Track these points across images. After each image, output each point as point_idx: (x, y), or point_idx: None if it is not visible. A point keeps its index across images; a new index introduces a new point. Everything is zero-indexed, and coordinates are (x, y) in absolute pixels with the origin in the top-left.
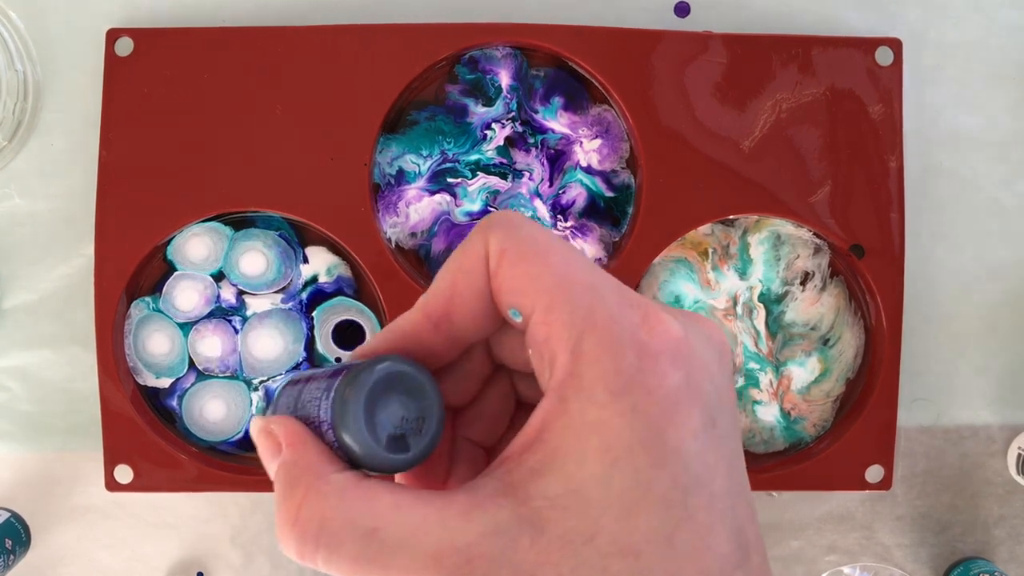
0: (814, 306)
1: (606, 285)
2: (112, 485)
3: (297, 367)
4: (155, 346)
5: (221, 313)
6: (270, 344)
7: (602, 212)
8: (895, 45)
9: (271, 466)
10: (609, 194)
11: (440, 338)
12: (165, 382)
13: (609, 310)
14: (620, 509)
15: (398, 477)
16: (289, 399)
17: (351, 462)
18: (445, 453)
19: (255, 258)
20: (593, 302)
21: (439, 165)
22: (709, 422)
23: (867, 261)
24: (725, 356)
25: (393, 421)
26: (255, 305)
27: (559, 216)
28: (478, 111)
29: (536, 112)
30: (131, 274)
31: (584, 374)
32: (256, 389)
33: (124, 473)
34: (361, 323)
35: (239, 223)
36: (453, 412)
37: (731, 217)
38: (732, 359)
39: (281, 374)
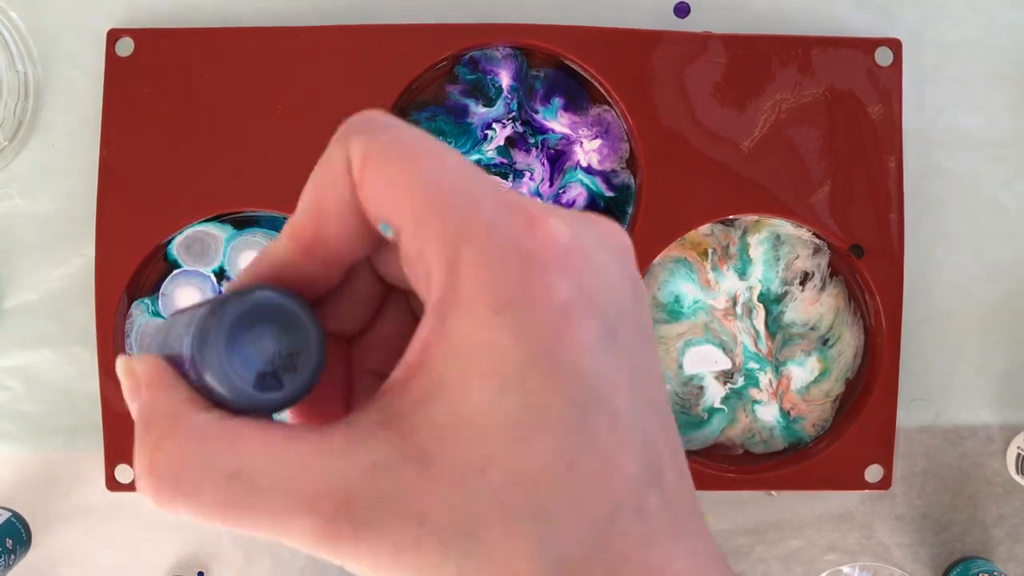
0: (813, 306)
1: (485, 189)
2: (113, 485)
3: None
4: None
5: None
6: None
7: (602, 212)
8: (895, 45)
9: (132, 409)
10: (609, 194)
11: (314, 263)
12: None
13: (487, 218)
14: (512, 436)
15: (289, 417)
16: (159, 336)
17: (218, 403)
18: (341, 387)
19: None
20: (469, 210)
21: None
22: (608, 334)
23: (866, 261)
24: (626, 261)
25: (263, 356)
26: None
27: None
28: (478, 111)
29: (536, 112)
30: (132, 274)
31: (463, 291)
32: None
33: (125, 473)
34: None
35: (242, 222)
36: (347, 342)
37: (731, 217)
38: (635, 265)
39: None
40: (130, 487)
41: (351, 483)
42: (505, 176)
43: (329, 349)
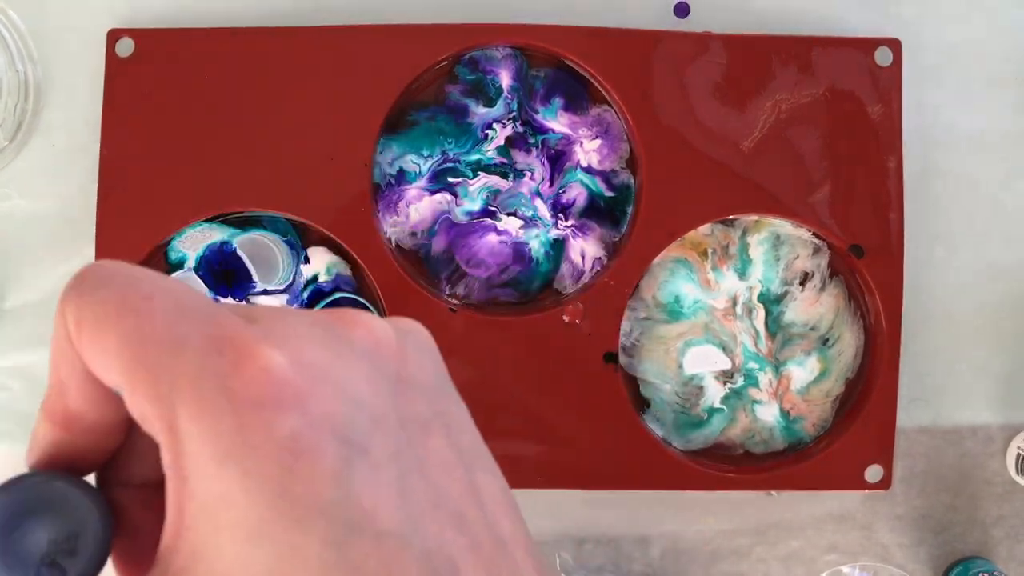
0: (813, 306)
1: (193, 332)
2: None
3: None
4: None
5: None
6: None
7: (602, 212)
8: (894, 45)
9: None
10: (609, 194)
11: (80, 436)
12: None
13: (194, 366)
14: None
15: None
16: None
17: None
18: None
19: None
20: (177, 364)
21: (440, 165)
22: (355, 453)
23: (866, 261)
24: (375, 354)
25: (36, 551)
26: (260, 304)
27: (559, 215)
28: (479, 111)
29: (536, 112)
30: None
31: (188, 450)
32: None
33: None
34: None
35: (242, 222)
36: (155, 488)
37: (731, 217)
38: (397, 355)
39: None
40: None
41: None
42: (505, 176)
43: (144, 500)
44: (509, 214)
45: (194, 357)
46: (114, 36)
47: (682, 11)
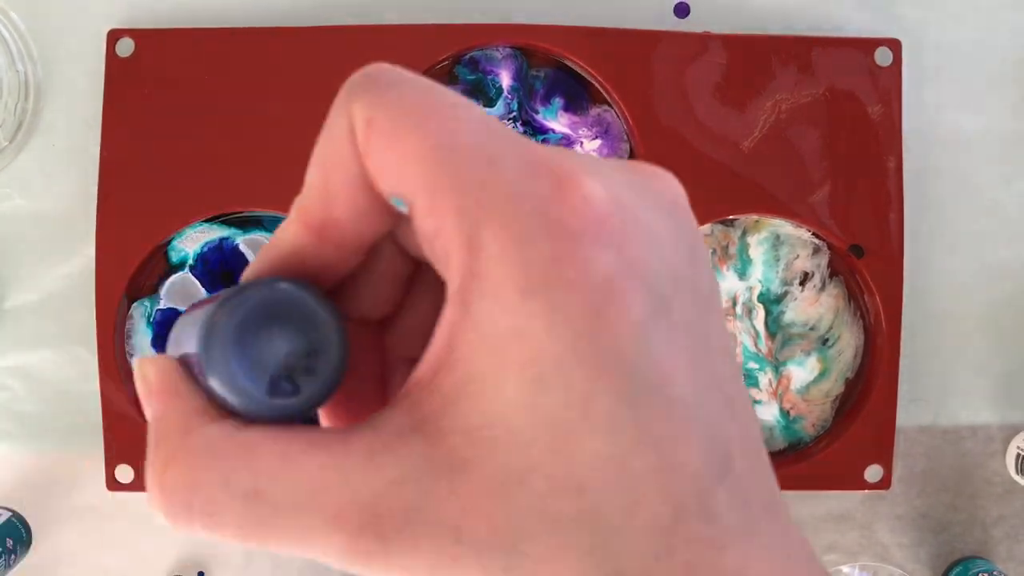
0: (813, 306)
1: (507, 151)
2: (113, 485)
3: None
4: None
5: None
6: None
7: None
8: (894, 45)
9: (147, 415)
10: None
11: (328, 247)
12: None
13: (510, 185)
14: (555, 437)
15: (321, 416)
16: (175, 332)
17: (229, 410)
18: (375, 378)
19: None
20: (489, 177)
21: None
22: (659, 308)
23: (866, 261)
24: (680, 216)
25: (276, 358)
26: None
27: None
28: None
29: (537, 112)
30: (132, 274)
31: (487, 273)
32: None
33: (125, 473)
34: None
35: (243, 222)
36: (377, 327)
37: (730, 217)
38: (691, 219)
39: None
40: (130, 487)
41: (377, 497)
42: None
43: (356, 337)
44: None
45: (509, 173)
46: (114, 36)
47: (682, 11)
